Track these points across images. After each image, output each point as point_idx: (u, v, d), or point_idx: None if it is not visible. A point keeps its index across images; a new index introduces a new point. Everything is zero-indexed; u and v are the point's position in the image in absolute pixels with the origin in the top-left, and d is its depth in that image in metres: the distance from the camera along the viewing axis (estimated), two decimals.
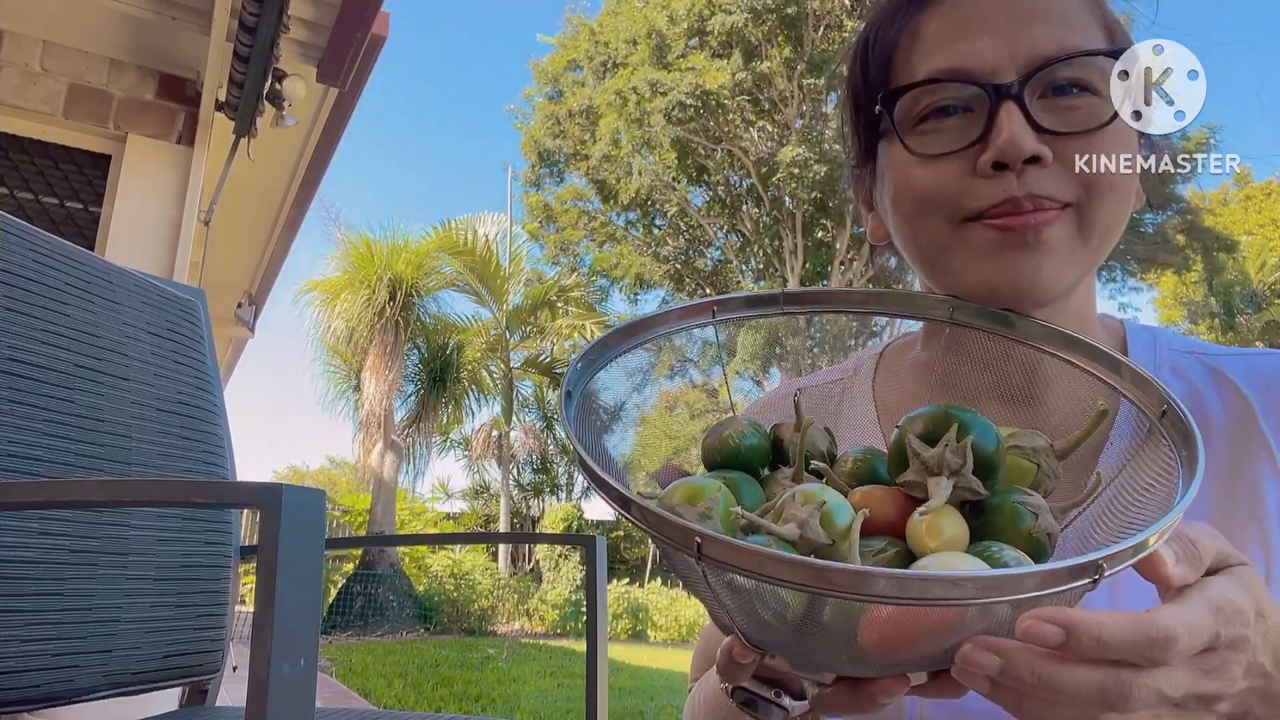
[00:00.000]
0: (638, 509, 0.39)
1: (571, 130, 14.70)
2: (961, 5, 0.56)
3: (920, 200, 0.56)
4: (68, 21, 3.01)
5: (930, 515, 0.42)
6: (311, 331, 13.57)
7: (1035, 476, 0.48)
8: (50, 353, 1.06)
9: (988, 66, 0.54)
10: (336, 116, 3.65)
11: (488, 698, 6.43)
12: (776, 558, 0.34)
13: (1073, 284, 0.56)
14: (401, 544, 17.76)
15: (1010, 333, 0.56)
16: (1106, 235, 0.56)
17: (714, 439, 0.53)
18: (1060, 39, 0.54)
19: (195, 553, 1.19)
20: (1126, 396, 0.51)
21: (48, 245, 1.12)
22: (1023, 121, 0.52)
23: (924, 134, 0.56)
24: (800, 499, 0.42)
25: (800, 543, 0.40)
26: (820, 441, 0.54)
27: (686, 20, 13.32)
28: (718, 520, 0.42)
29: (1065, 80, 0.54)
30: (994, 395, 0.58)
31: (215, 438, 1.27)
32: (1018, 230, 0.53)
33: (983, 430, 0.44)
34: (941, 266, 0.58)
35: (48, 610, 0.98)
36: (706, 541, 0.35)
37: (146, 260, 3.04)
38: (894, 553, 0.42)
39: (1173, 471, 0.45)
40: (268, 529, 0.59)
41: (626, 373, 0.57)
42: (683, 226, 14.90)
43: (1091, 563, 0.34)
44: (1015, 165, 0.52)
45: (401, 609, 11.68)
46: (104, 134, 3.15)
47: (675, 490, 0.44)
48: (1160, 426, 0.48)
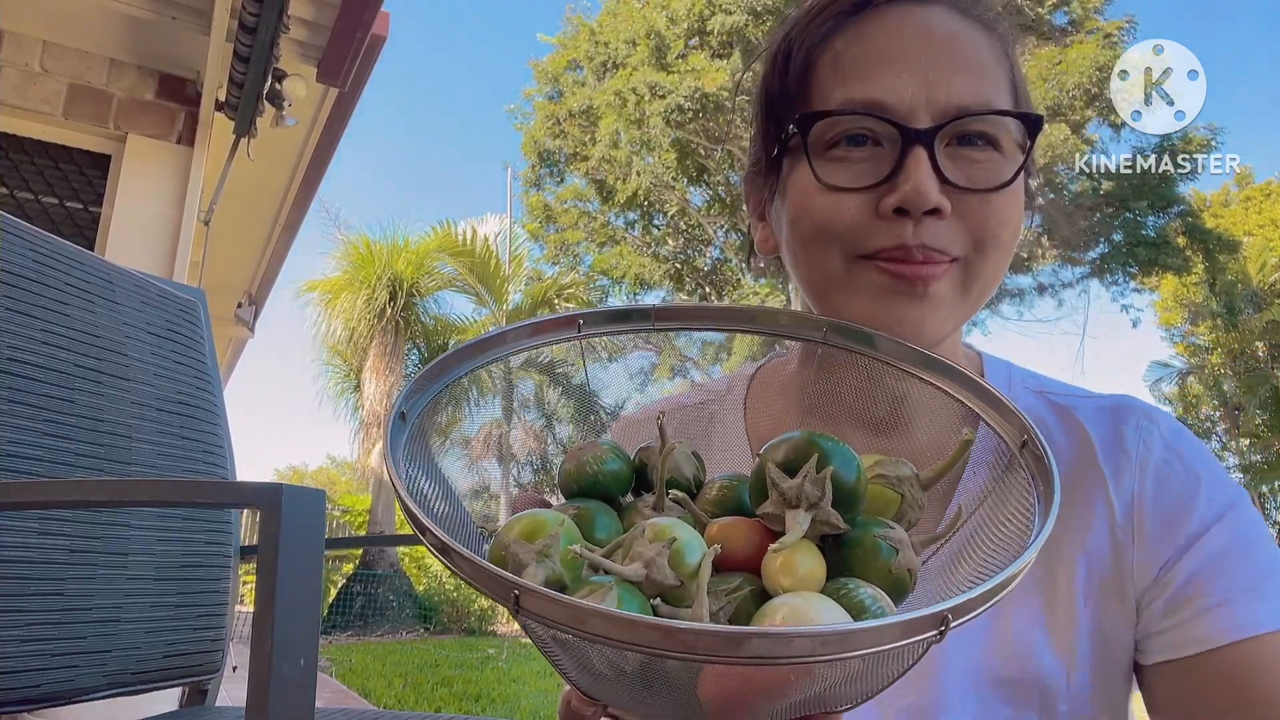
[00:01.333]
0: (454, 555, 0.35)
1: (571, 130, 14.70)
2: (886, 31, 0.57)
3: (819, 229, 0.57)
4: (68, 21, 3.01)
5: (785, 551, 0.40)
6: (311, 331, 13.58)
7: (899, 507, 0.47)
8: (50, 353, 1.06)
9: (905, 105, 0.54)
10: (336, 116, 3.65)
11: (488, 698, 6.42)
12: (598, 613, 0.31)
13: (952, 331, 0.58)
14: (402, 544, 17.73)
15: (879, 354, 0.56)
16: (986, 289, 0.58)
17: (571, 464, 0.50)
18: (976, 90, 0.55)
19: (195, 552, 1.19)
20: (989, 424, 0.50)
21: (48, 245, 1.12)
22: (930, 171, 0.53)
23: (832, 161, 0.56)
24: (650, 534, 0.39)
25: (646, 584, 0.38)
26: (686, 467, 0.51)
27: (686, 20, 13.32)
28: (556, 560, 0.39)
29: (974, 132, 0.55)
30: (861, 421, 0.59)
31: (215, 438, 1.27)
32: (908, 279, 0.55)
33: (844, 460, 0.42)
34: (829, 297, 0.58)
35: (48, 610, 0.98)
36: (525, 594, 0.32)
37: (146, 260, 3.04)
38: (748, 591, 0.40)
39: (1029, 508, 0.44)
40: (268, 529, 0.59)
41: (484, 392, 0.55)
42: (682, 226, 14.90)
43: (938, 614, 0.33)
44: (916, 214, 0.53)
45: (401, 609, 11.67)
46: (104, 134, 3.15)
47: (513, 525, 0.40)
48: (1020, 458, 0.47)
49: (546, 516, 0.41)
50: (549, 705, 6.19)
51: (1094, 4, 12.61)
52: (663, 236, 15.24)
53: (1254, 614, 0.52)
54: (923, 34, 0.56)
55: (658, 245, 15.24)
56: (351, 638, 10.78)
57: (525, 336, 0.55)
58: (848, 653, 0.31)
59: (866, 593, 0.39)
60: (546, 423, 0.69)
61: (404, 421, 0.46)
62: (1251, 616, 0.52)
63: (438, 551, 0.36)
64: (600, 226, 15.43)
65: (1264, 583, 0.53)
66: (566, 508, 0.46)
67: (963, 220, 0.54)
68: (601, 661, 0.38)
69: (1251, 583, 0.53)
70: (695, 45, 13.61)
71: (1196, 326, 17.47)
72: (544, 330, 0.56)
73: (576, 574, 0.39)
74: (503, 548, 0.39)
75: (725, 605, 0.39)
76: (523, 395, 3.99)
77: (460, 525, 0.47)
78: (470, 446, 0.54)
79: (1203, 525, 0.55)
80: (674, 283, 15.28)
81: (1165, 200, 13.11)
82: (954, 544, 0.46)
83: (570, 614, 0.32)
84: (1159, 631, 0.55)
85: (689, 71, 13.11)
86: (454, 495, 0.49)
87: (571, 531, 0.40)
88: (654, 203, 14.42)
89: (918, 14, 0.57)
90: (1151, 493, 0.56)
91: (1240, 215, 17.84)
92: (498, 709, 6.06)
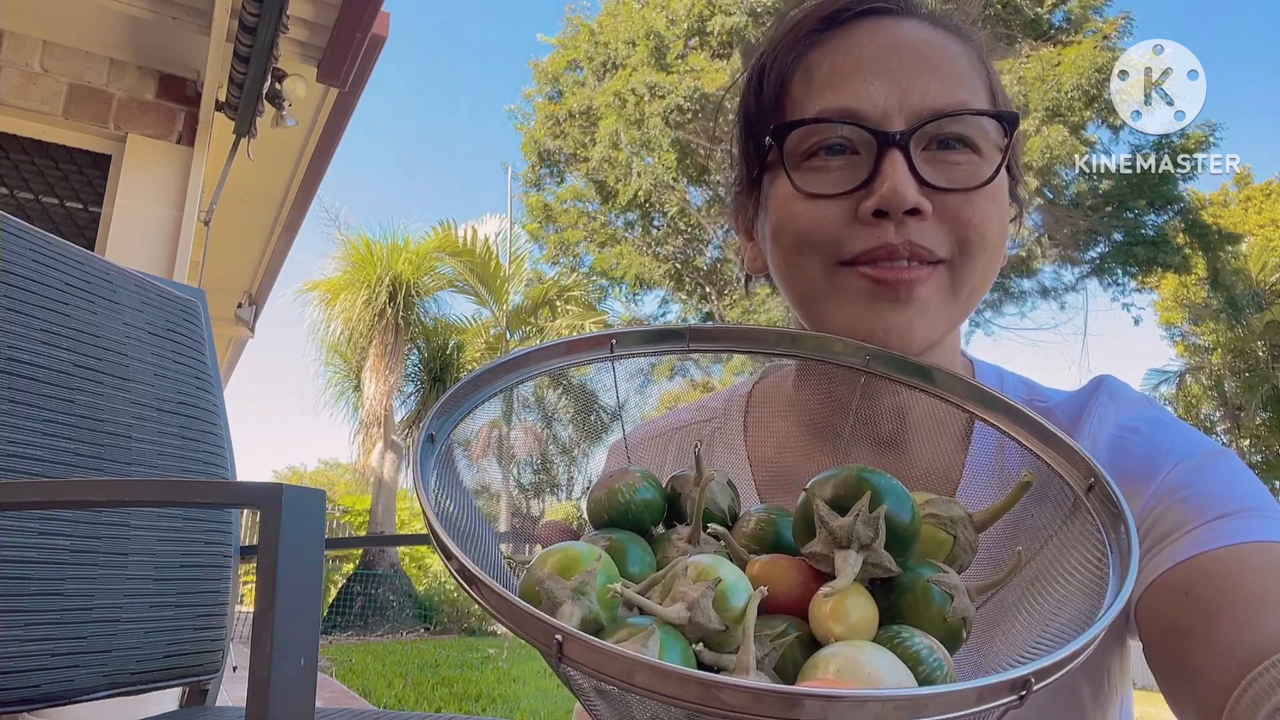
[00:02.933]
0: (488, 593, 0.33)
1: (571, 131, 14.70)
2: (857, 44, 0.57)
3: (800, 238, 0.57)
4: (68, 21, 3.01)
5: (836, 596, 0.37)
6: (311, 331, 13.58)
7: (951, 550, 0.44)
8: (50, 353, 1.06)
9: (878, 111, 0.54)
10: (336, 117, 3.65)
11: (488, 698, 6.42)
12: (648, 666, 0.29)
13: (943, 337, 0.57)
14: (402, 544, 17.74)
15: (928, 387, 0.54)
16: (976, 292, 0.57)
17: (602, 492, 0.47)
18: (950, 94, 0.55)
19: (195, 553, 1.19)
20: (1051, 465, 0.48)
21: (48, 245, 1.12)
22: (906, 172, 0.53)
23: (810, 171, 0.57)
24: (693, 574, 0.37)
25: (690, 627, 0.35)
26: (722, 498, 0.48)
27: (686, 21, 13.32)
28: (593, 598, 0.36)
29: (950, 135, 0.55)
30: (864, 440, 0.58)
31: (215, 438, 1.27)
32: (890, 284, 0.54)
33: (898, 499, 0.40)
34: (815, 306, 0.58)
35: (48, 610, 0.98)
36: (569, 641, 0.30)
37: (146, 260, 3.04)
38: (794, 638, 0.38)
39: (1099, 556, 0.41)
40: (268, 529, 0.59)
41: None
42: (682, 226, 14.90)
43: (1019, 679, 0.31)
44: (896, 215, 0.53)
45: (402, 609, 11.67)
46: (104, 134, 3.15)
47: (546, 559, 0.38)
48: (1086, 502, 0.44)
49: (581, 550, 0.38)
50: (549, 705, 6.18)
51: (1093, 3, 12.61)
52: (663, 236, 15.23)
53: (1199, 538, 0.49)
54: (894, 44, 0.57)
55: (658, 245, 15.24)
56: (352, 638, 10.78)
57: (558, 356, 0.53)
58: (922, 718, 0.29)
59: (922, 643, 0.37)
60: (574, 445, 0.67)
61: (433, 444, 0.43)
62: (1198, 539, 0.49)
63: (465, 582, 0.34)
64: (600, 226, 15.42)
65: (1221, 508, 0.50)
66: (597, 539, 0.44)
67: (945, 221, 0.55)
68: (643, 712, 0.35)
69: (1210, 513, 0.50)
70: (695, 46, 13.61)
71: (1197, 326, 17.47)
72: (576, 349, 0.54)
73: (613, 613, 0.37)
74: (536, 583, 0.37)
75: (770, 652, 0.37)
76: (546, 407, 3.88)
77: (486, 553, 0.45)
78: (502, 465, 0.52)
79: (1167, 482, 0.53)
80: (674, 282, 15.28)
81: (1164, 199, 13.11)
82: (1008, 591, 0.45)
83: (621, 666, 0.29)
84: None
85: (689, 72, 13.12)
86: (480, 516, 0.47)
87: (609, 568, 0.38)
88: (654, 203, 14.41)
89: (889, 26, 0.58)
90: (1107, 467, 0.56)
91: (1240, 215, 17.83)
92: (498, 709, 6.05)
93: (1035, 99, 11.68)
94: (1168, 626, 0.48)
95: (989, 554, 0.53)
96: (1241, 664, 0.41)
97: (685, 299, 15.22)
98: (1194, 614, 0.46)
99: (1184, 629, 0.46)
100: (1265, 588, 0.45)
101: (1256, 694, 0.39)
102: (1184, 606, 0.47)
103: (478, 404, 0.49)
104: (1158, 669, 0.49)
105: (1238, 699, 0.40)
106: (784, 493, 0.63)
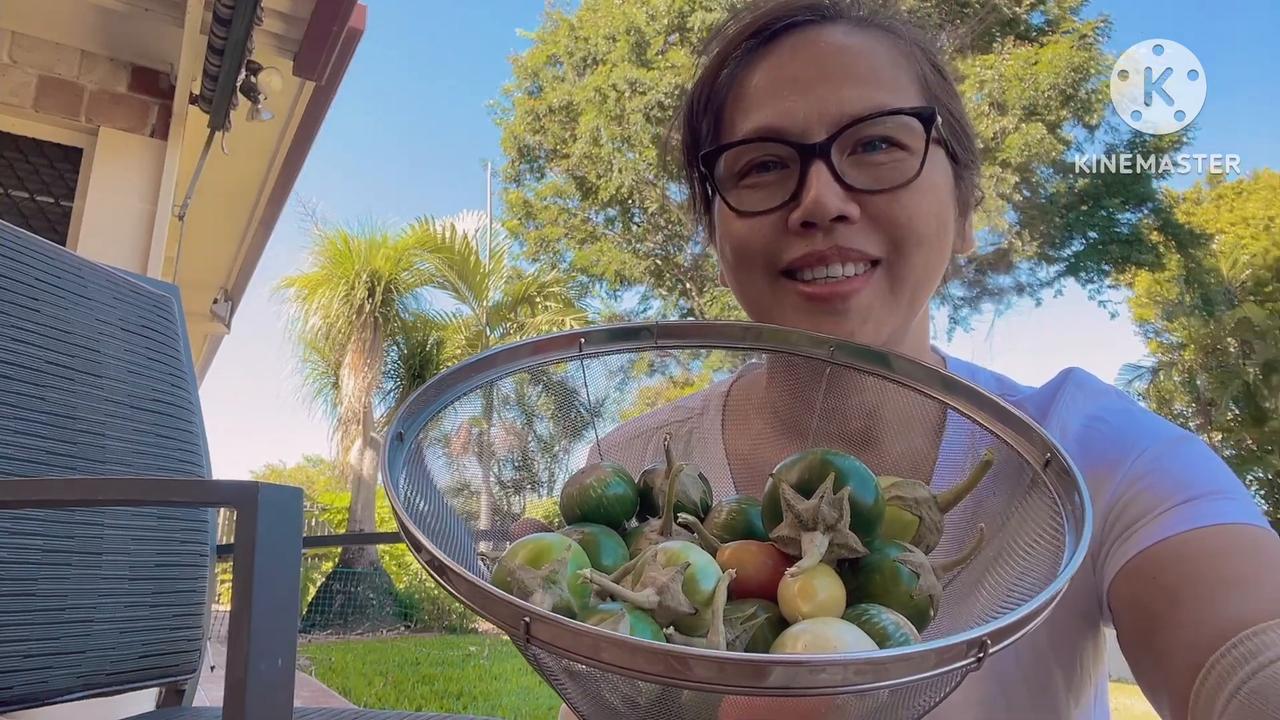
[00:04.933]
0: (457, 580, 0.33)
1: (551, 126, 14.65)
2: (779, 61, 0.60)
3: (740, 253, 0.60)
4: (37, 12, 2.96)
5: (803, 576, 0.38)
6: (289, 328, 13.44)
7: (917, 530, 0.45)
8: (21, 349, 1.04)
9: (799, 126, 0.56)
10: (313, 110, 3.61)
11: (469, 695, 6.40)
12: (615, 641, 0.29)
13: (893, 334, 0.59)
14: (381, 542, 17.65)
15: (889, 373, 0.55)
16: (919, 288, 0.59)
17: (574, 488, 0.48)
18: (866, 98, 0.56)
19: (171, 552, 1.18)
20: (1009, 444, 0.49)
21: (18, 240, 1.10)
22: (830, 181, 0.54)
23: (746, 189, 0.59)
24: (662, 559, 0.37)
25: (660, 611, 0.36)
26: (693, 490, 0.49)
27: (666, 17, 13.31)
28: (564, 586, 0.37)
29: (874, 137, 0.57)
30: (836, 437, 0.59)
31: (190, 435, 1.26)
32: (824, 298, 0.56)
33: (861, 481, 0.41)
34: (767, 318, 0.60)
35: (20, 610, 0.97)
36: (536, 622, 0.30)
37: (119, 255, 3.00)
38: (764, 619, 0.39)
39: (1055, 528, 0.42)
40: (244, 528, 0.59)
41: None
42: (662, 223, 14.91)
43: (976, 639, 0.31)
44: (823, 223, 0.55)
45: (382, 607, 11.60)
46: (75, 127, 3.10)
47: (517, 550, 0.38)
48: (1044, 476, 0.46)
49: (552, 541, 0.39)
50: (530, 702, 6.18)
51: (1070, 3, 12.74)
52: (643, 233, 15.23)
53: (1166, 522, 0.50)
54: (814, 55, 0.58)
55: (638, 241, 15.24)
56: (331, 636, 10.71)
57: (525, 355, 0.55)
58: (883, 681, 0.30)
59: (889, 619, 0.37)
60: (554, 440, 0.68)
61: (401, 443, 0.44)
62: (1166, 524, 0.50)
63: (435, 572, 0.35)
64: (580, 223, 15.39)
65: (1187, 493, 0.51)
66: (570, 533, 0.45)
67: (875, 222, 0.56)
68: (614, 694, 0.36)
69: (1177, 497, 0.51)
70: (675, 42, 13.61)
71: (1170, 323, 17.72)
72: (544, 349, 0.55)
73: (585, 601, 0.38)
74: (507, 574, 0.37)
75: (741, 634, 0.38)
76: (517, 405, 3.91)
77: (460, 549, 0.45)
78: (476, 459, 0.53)
79: (1134, 469, 0.54)
80: (654, 279, 15.28)
81: (1138, 197, 13.28)
82: (972, 569, 0.45)
83: (587, 642, 0.30)
84: (1104, 561, 0.54)
85: (669, 68, 13.12)
86: (452, 515, 0.47)
87: (579, 556, 0.39)
88: (634, 199, 14.41)
89: (811, 36, 0.60)
90: (1076, 457, 0.57)
91: (1212, 213, 18.11)
92: (479, 707, 6.04)
93: (1012, 96, 11.79)
94: (1138, 611, 0.49)
95: (955, 534, 0.54)
96: (1206, 646, 0.42)
97: (665, 295, 15.23)
98: (1162, 598, 0.47)
99: (1153, 613, 0.47)
100: (1231, 570, 0.45)
101: (1220, 675, 0.40)
102: (1153, 591, 0.48)
103: (447, 404, 0.49)
104: (1131, 655, 0.50)
105: (1202, 681, 0.41)
106: (761, 489, 0.63)
